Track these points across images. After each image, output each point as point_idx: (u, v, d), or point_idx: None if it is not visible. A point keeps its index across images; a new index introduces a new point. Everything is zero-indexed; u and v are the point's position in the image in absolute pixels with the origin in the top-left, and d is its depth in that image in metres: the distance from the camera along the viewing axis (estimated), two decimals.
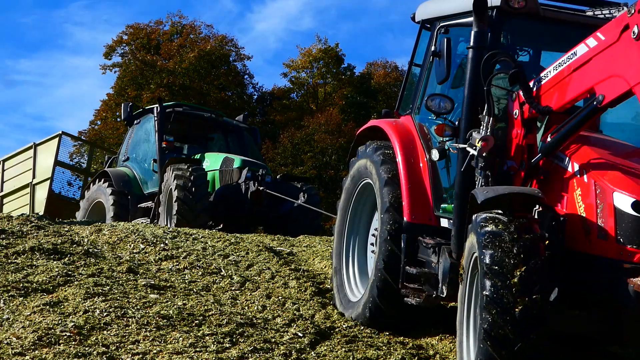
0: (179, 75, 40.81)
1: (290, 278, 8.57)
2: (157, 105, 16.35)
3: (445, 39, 6.58)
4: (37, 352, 5.54)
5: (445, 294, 6.41)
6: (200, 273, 8.42)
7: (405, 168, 7.12)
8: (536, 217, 5.77)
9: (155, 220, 14.94)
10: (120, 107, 22.83)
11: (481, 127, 6.20)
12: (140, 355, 5.65)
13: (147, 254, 8.97)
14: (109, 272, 7.70)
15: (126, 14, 75.53)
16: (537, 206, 5.80)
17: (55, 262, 7.75)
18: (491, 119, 6.16)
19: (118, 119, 41.03)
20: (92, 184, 16.71)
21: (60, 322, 6.05)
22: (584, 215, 5.61)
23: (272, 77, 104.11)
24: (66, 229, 9.98)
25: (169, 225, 14.10)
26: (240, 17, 74.15)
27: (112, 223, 11.47)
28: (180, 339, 6.00)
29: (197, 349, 5.86)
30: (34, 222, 9.82)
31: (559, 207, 5.87)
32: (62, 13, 76.01)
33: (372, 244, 7.76)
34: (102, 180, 16.37)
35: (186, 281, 8.04)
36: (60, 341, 5.71)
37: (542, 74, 6.15)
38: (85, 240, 9.27)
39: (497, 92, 6.40)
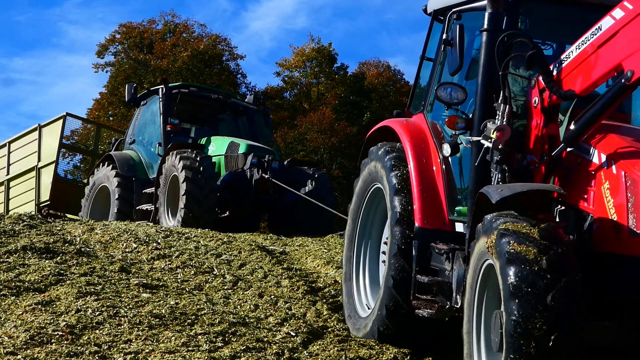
0: (172, 75, 40.76)
1: (283, 277, 8.57)
2: (162, 86, 15.69)
3: (458, 26, 6.00)
4: (29, 351, 5.53)
5: (459, 304, 5.77)
6: (192, 272, 8.41)
7: (416, 170, 6.62)
8: (558, 217, 5.30)
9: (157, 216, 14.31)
10: (112, 106, 22.66)
11: (496, 117, 5.69)
12: (133, 355, 5.64)
13: (139, 253, 8.95)
14: (101, 272, 7.69)
15: (121, 13, 75.54)
16: (559, 205, 5.32)
17: (47, 262, 7.74)
18: (507, 107, 5.66)
19: (111, 118, 41.04)
20: (97, 168, 16.17)
21: (52, 321, 6.04)
22: (613, 211, 5.07)
23: (267, 76, 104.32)
24: (58, 228, 9.96)
25: (169, 217, 13.81)
26: (235, 15, 74.21)
27: (104, 222, 11.43)
28: (173, 338, 6.00)
29: (190, 348, 5.85)
30: (26, 221, 9.80)
31: (585, 204, 5.32)
32: (56, 11, 76.00)
33: (383, 253, 7.20)
34: (107, 164, 15.77)
35: (178, 280, 8.04)
36: (53, 340, 5.70)
37: (563, 56, 5.61)
38: (78, 239, 9.25)
39: (515, 88, 5.97)
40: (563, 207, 5.34)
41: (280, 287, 8.19)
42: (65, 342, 5.70)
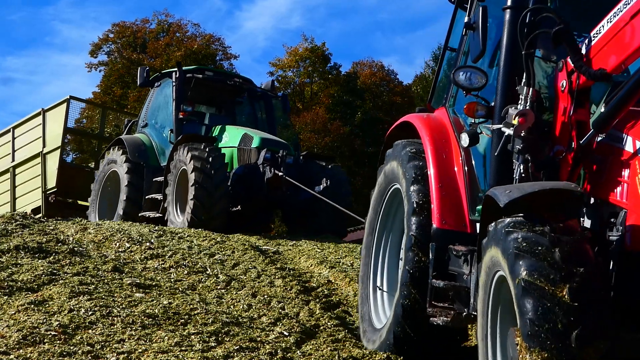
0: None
1: (276, 277, 8.57)
2: (175, 69, 14.87)
3: (481, 7, 5.52)
4: (21, 351, 5.51)
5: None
6: (185, 272, 8.40)
7: (435, 167, 6.10)
8: (585, 216, 4.84)
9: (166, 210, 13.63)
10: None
11: (519, 101, 5.19)
12: (126, 354, 5.63)
13: (132, 253, 8.95)
14: (94, 271, 7.68)
15: (115, 12, 75.55)
16: (579, 202, 4.76)
17: (40, 261, 7.72)
18: (531, 90, 5.16)
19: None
20: (107, 152, 15.47)
21: (45, 321, 6.02)
22: None
23: (261, 76, 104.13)
24: (51, 228, 9.95)
25: (177, 213, 13.27)
26: (229, 15, 74.27)
27: (97, 222, 11.41)
28: (166, 338, 5.99)
29: (183, 348, 5.84)
30: (18, 220, 9.79)
31: (617, 197, 4.73)
32: (50, 10, 75.94)
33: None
34: (117, 148, 15.07)
35: (172, 280, 8.03)
36: (45, 340, 5.69)
37: (592, 32, 5.00)
38: (71, 239, 9.24)
39: (539, 75, 5.45)
40: (585, 205, 4.84)
41: (274, 287, 8.19)
42: (58, 341, 5.69)
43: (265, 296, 7.82)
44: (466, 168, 6.02)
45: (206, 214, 12.47)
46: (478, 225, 5.53)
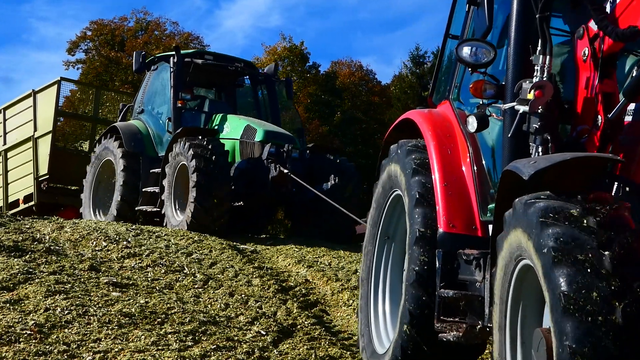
0: (143, 72, 40.58)
1: (254, 276, 8.57)
2: (173, 53, 13.96)
3: None
4: None
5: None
6: (163, 271, 8.38)
7: (440, 163, 5.41)
8: (621, 197, 4.17)
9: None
10: (83, 103, 21.89)
11: (534, 73, 4.55)
12: (102, 354, 5.62)
13: (109, 252, 8.91)
14: (70, 270, 7.64)
15: (92, 10, 75.15)
16: (617, 180, 4.20)
17: (15, 260, 7.67)
18: (548, 58, 4.52)
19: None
20: (102, 139, 14.61)
21: (20, 320, 5.99)
22: None
23: None
24: (27, 226, 9.89)
25: (176, 211, 12.49)
26: (208, 13, 74.11)
27: (74, 220, 11.34)
28: (142, 337, 5.98)
29: (159, 347, 5.83)
30: None
31: None
32: (26, 8, 75.39)
33: None
34: (111, 136, 14.22)
35: (149, 279, 8.01)
36: (21, 339, 5.66)
37: None
38: (47, 237, 9.19)
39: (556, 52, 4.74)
40: (623, 184, 4.16)
41: (251, 286, 8.19)
42: (34, 341, 5.66)
43: (243, 295, 7.81)
44: (475, 163, 5.33)
45: (208, 217, 11.79)
46: (490, 227, 4.72)
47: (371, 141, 39.20)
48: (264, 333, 6.58)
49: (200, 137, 12.27)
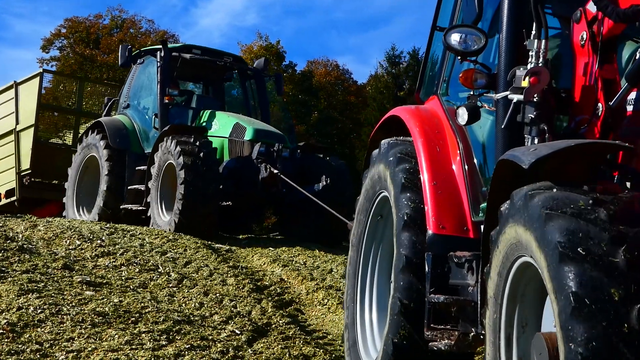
0: (118, 70, 40.41)
1: (229, 275, 8.56)
2: (160, 47, 13.61)
3: None
4: None
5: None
6: (137, 270, 8.35)
7: (428, 161, 5.10)
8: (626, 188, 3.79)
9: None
10: (57, 100, 21.54)
11: (529, 59, 4.27)
12: (75, 353, 5.59)
13: (83, 250, 8.87)
14: (43, 269, 7.59)
15: (67, 7, 74.83)
16: (621, 170, 3.92)
17: None
18: (543, 42, 4.24)
19: (56, 113, 40.48)
20: (87, 134, 14.17)
21: None
22: None
23: None
24: (0, 225, 9.82)
25: (162, 211, 12.22)
26: (184, 11, 73.90)
27: (47, 219, 11.24)
28: (116, 336, 5.95)
29: (133, 347, 5.81)
30: None
31: None
32: (1, 4, 74.76)
33: None
34: (96, 132, 13.80)
35: (123, 278, 7.98)
36: None
37: None
38: (20, 236, 9.12)
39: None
40: (629, 174, 3.88)
41: (226, 285, 8.18)
42: (6, 340, 5.62)
43: (217, 294, 7.80)
44: (465, 160, 5.03)
45: (196, 217, 11.45)
46: (482, 227, 4.34)
47: (347, 141, 39.28)
48: (239, 332, 6.58)
49: (188, 135, 12.00)
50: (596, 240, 3.08)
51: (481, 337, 4.25)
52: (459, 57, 4.65)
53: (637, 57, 3.98)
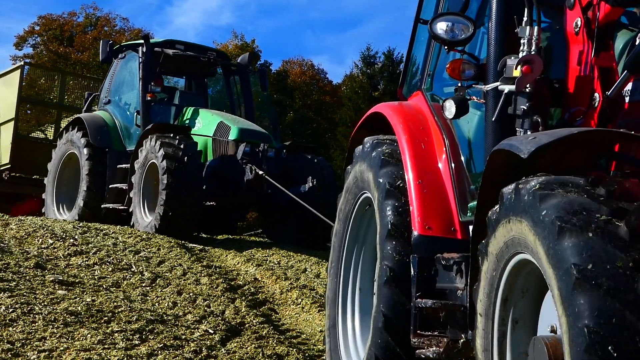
0: (92, 69, 40.19)
1: (202, 274, 8.55)
2: (142, 42, 13.30)
3: None
4: None
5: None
6: (110, 269, 8.31)
7: (413, 159, 4.86)
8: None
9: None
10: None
11: (520, 47, 4.02)
12: (47, 352, 5.56)
13: (55, 249, 8.81)
14: (15, 268, 7.53)
15: (41, 4, 74.28)
16: (622, 160, 3.68)
17: None
18: (536, 29, 3.99)
19: (28, 111, 40.20)
20: (66, 130, 13.88)
21: None
22: None
23: None
24: None
25: (145, 212, 11.99)
26: (159, 10, 73.57)
27: (20, 217, 11.16)
28: (89, 335, 5.93)
29: (106, 346, 5.79)
30: None
31: None
32: None
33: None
34: (77, 128, 13.46)
35: (96, 277, 7.94)
36: None
37: None
38: None
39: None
40: (631, 164, 3.66)
41: (200, 285, 8.16)
42: None
43: (191, 294, 7.79)
44: (452, 158, 4.78)
45: (178, 220, 11.24)
46: (471, 228, 4.23)
47: (322, 140, 39.29)
48: (212, 332, 6.57)
49: (172, 137, 11.70)
50: (595, 213, 2.90)
51: (471, 344, 3.92)
52: (446, 47, 4.45)
53: (637, 43, 3.71)
